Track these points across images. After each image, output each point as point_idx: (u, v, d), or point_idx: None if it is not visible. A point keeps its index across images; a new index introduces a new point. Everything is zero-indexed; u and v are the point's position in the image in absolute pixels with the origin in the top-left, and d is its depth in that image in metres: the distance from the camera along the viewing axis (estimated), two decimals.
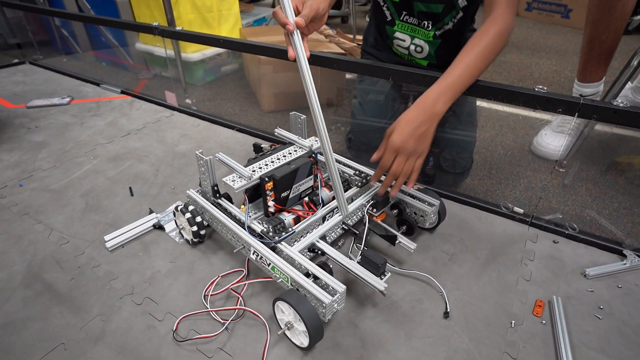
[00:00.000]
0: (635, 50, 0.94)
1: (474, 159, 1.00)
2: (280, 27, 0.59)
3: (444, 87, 0.65)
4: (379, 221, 0.72)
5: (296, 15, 0.59)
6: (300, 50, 0.58)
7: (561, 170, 1.05)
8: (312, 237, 0.66)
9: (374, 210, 0.73)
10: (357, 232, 0.69)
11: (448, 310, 0.63)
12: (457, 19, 0.83)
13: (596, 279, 0.69)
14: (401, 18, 0.88)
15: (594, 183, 1.00)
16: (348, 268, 0.61)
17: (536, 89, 0.70)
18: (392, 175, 0.67)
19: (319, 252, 0.65)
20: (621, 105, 0.64)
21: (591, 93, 1.10)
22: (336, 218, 0.70)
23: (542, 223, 0.82)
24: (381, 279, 0.60)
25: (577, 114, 0.67)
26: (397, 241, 0.68)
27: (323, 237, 0.68)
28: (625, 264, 0.72)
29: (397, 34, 0.91)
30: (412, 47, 0.91)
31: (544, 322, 0.61)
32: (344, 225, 0.71)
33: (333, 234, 0.73)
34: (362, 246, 0.64)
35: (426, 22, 0.86)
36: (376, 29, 0.98)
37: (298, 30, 0.58)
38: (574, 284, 0.68)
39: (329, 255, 0.64)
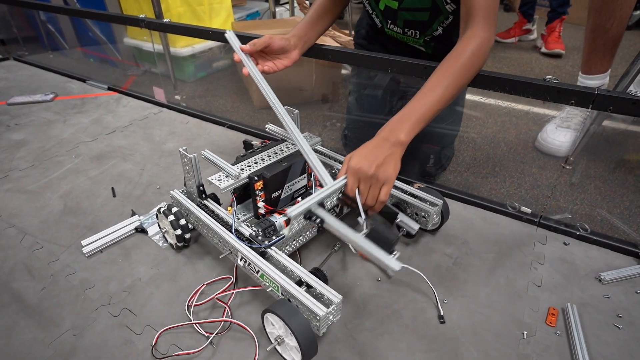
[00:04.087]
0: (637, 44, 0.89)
1: (454, 150, 0.95)
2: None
3: (410, 116, 0.58)
4: None
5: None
6: (252, 67, 0.71)
7: (568, 167, 1.01)
8: (308, 202, 0.54)
9: None
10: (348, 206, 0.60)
11: (442, 313, 0.59)
12: (447, 23, 0.78)
13: (612, 284, 0.64)
14: (388, 26, 0.83)
15: (603, 181, 0.95)
16: (353, 241, 0.52)
17: (546, 79, 0.65)
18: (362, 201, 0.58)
19: (316, 218, 0.54)
20: None
21: (597, 85, 1.05)
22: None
23: (550, 223, 0.77)
24: (392, 256, 0.50)
25: (591, 105, 0.62)
26: (398, 219, 0.61)
27: (322, 204, 0.56)
28: None
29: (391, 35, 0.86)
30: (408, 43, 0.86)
31: (558, 332, 0.56)
32: (341, 195, 0.59)
33: (329, 202, 0.67)
34: (365, 218, 0.55)
35: (413, 31, 0.81)
36: (370, 28, 0.93)
37: (246, 55, 0.72)
38: (588, 289, 0.63)
39: (330, 225, 0.53)
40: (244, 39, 0.76)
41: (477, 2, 0.61)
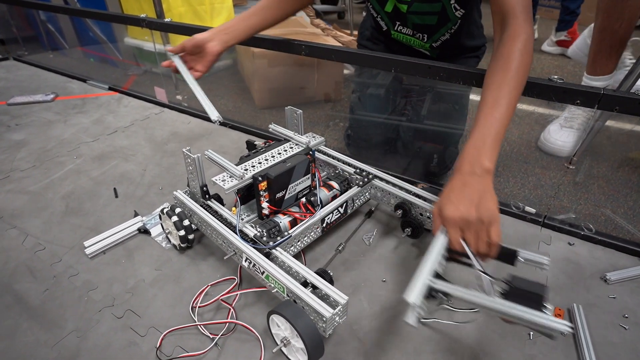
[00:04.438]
0: None
1: (459, 150, 0.94)
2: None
3: (485, 138, 0.52)
4: None
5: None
6: (182, 67, 0.78)
7: (571, 167, 1.00)
8: (422, 279, 0.46)
9: None
10: (471, 264, 0.50)
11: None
12: (454, 29, 0.77)
13: (618, 284, 0.64)
14: (395, 28, 0.82)
15: (606, 180, 0.95)
16: (495, 308, 0.43)
17: (552, 79, 0.65)
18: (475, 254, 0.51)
19: (439, 293, 0.47)
20: None
21: (603, 86, 1.05)
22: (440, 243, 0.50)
23: (555, 223, 0.76)
24: (544, 313, 0.42)
25: (597, 105, 0.62)
26: (519, 258, 0.50)
27: (437, 275, 0.48)
28: None
29: (396, 39, 0.86)
30: (414, 46, 0.86)
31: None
32: (448, 253, 0.51)
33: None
34: (486, 273, 0.47)
35: (421, 35, 0.80)
36: (376, 31, 0.92)
37: (176, 56, 0.80)
38: (594, 290, 0.63)
39: (456, 296, 0.46)
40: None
41: (514, 0, 0.57)
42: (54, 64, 1.67)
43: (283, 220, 0.64)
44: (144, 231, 0.75)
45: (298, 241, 0.64)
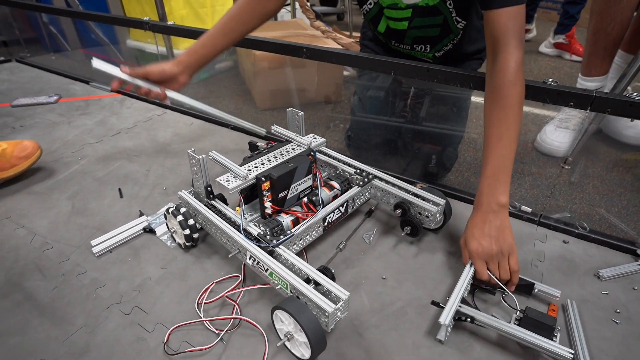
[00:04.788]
0: None
1: (458, 153, 0.97)
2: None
3: (497, 175, 0.59)
4: None
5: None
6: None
7: (566, 167, 1.02)
8: (452, 303, 0.55)
9: None
10: (494, 292, 0.61)
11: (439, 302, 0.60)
12: (457, 40, 0.80)
13: (610, 281, 0.66)
14: (392, 45, 0.85)
15: (601, 180, 0.97)
16: (511, 333, 0.52)
17: (546, 82, 0.67)
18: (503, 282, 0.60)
19: (466, 319, 0.55)
20: (636, 97, 0.61)
21: (597, 87, 1.08)
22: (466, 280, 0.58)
23: (550, 222, 0.78)
24: (554, 340, 0.52)
25: (589, 107, 0.64)
26: (535, 290, 0.60)
27: (464, 301, 0.57)
28: (639, 264, 0.68)
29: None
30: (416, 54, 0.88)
31: (559, 327, 0.58)
32: (473, 281, 0.61)
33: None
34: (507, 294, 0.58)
35: (423, 46, 0.82)
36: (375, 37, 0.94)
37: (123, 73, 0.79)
38: (587, 286, 0.65)
39: (480, 322, 0.54)
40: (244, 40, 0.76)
41: (506, 25, 0.60)
42: (56, 66, 1.69)
43: (286, 219, 0.66)
44: (149, 230, 0.77)
45: (300, 239, 0.66)
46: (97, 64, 0.77)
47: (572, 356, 0.49)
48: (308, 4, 1.83)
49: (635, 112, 0.61)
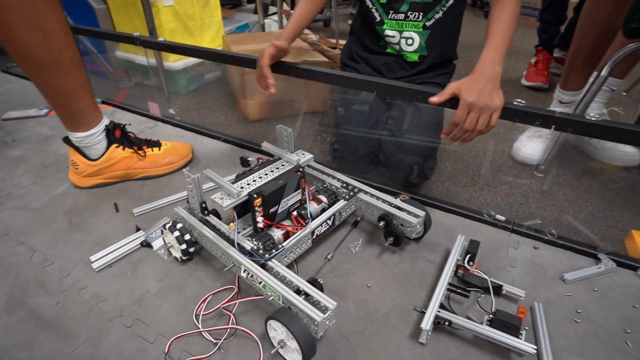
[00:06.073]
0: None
1: (437, 161, 1.04)
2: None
3: (494, 51, 0.72)
4: (476, 272, 0.72)
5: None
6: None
7: (539, 175, 1.09)
8: (431, 309, 0.62)
9: (470, 263, 0.72)
10: (468, 295, 0.69)
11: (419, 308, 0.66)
12: (447, 6, 0.89)
13: (574, 283, 0.73)
14: (389, 17, 0.92)
15: (571, 187, 1.04)
16: (482, 333, 0.59)
17: (515, 103, 0.73)
18: (463, 131, 0.71)
19: (444, 322, 0.62)
20: (593, 119, 0.67)
21: (569, 100, 1.15)
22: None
23: (522, 229, 0.85)
24: (520, 338, 0.59)
25: (553, 126, 0.70)
26: (503, 291, 0.69)
27: (442, 306, 0.64)
28: (600, 267, 0.75)
29: (387, 32, 0.95)
30: (403, 41, 0.95)
31: (526, 328, 0.64)
32: (449, 287, 0.69)
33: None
34: (492, 307, 0.66)
35: (416, 13, 0.91)
36: (366, 34, 1.00)
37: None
38: (553, 289, 0.72)
39: (457, 325, 0.61)
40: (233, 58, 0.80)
41: None
42: None
43: (277, 233, 0.71)
44: (146, 245, 0.80)
45: (291, 252, 0.71)
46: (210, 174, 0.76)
47: (535, 351, 0.57)
48: (292, 12, 1.87)
49: (593, 132, 0.68)
